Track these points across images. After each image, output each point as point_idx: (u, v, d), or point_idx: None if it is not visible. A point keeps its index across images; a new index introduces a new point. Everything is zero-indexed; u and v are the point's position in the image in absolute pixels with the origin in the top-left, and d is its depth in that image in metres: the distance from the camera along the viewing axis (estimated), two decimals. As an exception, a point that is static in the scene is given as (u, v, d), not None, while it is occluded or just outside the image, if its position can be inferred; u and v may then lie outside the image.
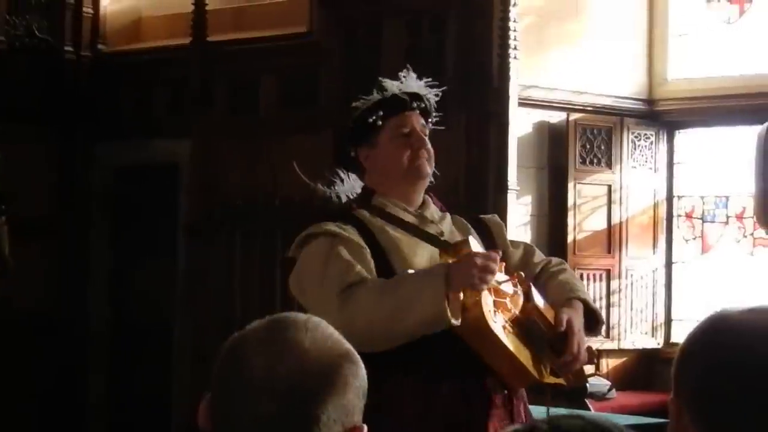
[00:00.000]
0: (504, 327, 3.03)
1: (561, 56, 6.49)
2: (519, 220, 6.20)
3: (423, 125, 3.25)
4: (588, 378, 3.34)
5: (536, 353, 3.12)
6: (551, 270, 3.34)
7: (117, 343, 7.68)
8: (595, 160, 6.56)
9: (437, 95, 3.31)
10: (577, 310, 3.20)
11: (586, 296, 3.29)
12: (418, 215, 3.25)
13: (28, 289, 7.05)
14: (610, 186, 6.58)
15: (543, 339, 3.14)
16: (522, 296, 3.12)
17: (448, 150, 6.10)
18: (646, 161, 6.69)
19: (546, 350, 3.15)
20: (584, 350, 3.16)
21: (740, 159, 6.44)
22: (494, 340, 2.99)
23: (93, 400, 7.64)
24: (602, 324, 3.41)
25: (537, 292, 3.17)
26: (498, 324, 3.00)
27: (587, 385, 5.69)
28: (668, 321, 6.74)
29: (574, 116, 6.51)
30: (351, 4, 6.65)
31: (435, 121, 3.32)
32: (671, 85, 6.78)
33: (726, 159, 6.68)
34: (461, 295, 2.98)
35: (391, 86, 3.25)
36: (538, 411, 3.30)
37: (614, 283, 6.54)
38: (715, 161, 6.73)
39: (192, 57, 7.00)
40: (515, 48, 5.98)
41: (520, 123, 6.17)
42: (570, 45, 6.52)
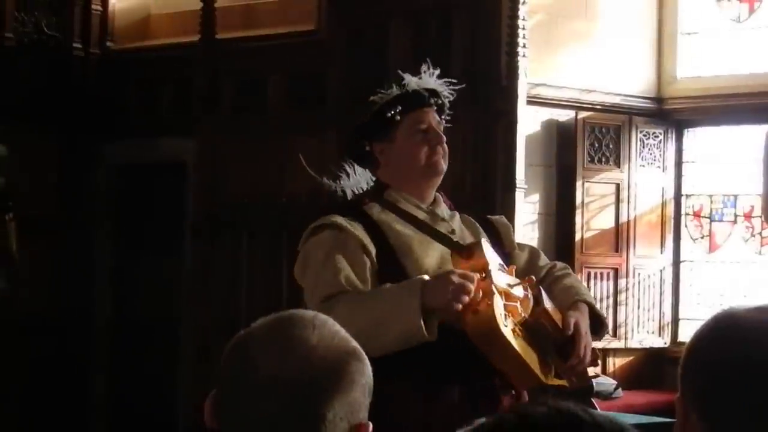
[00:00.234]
0: (513, 330, 3.03)
1: (570, 54, 6.47)
2: (527, 219, 6.19)
3: (438, 122, 3.25)
4: (591, 379, 3.32)
5: (542, 355, 3.12)
6: (556, 274, 3.35)
7: (121, 342, 7.67)
8: (604, 159, 6.54)
9: (452, 93, 3.30)
10: (584, 313, 3.21)
11: (591, 300, 3.30)
12: (430, 212, 3.24)
13: (33, 287, 7.04)
14: (618, 184, 6.56)
15: (549, 341, 3.15)
16: (532, 300, 3.12)
17: (456, 148, 6.09)
18: (655, 160, 6.67)
19: (552, 352, 3.16)
20: (590, 352, 3.17)
21: (749, 158, 6.43)
22: (504, 343, 2.98)
23: (96, 399, 7.63)
24: (607, 328, 3.43)
25: (546, 296, 3.18)
26: (508, 328, 3.00)
27: (594, 384, 5.67)
28: (675, 320, 6.73)
29: (583, 114, 6.49)
30: (359, 3, 6.64)
31: (445, 119, 3.32)
32: (680, 84, 6.76)
33: (734, 158, 6.66)
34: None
35: (410, 81, 3.24)
36: None
37: (621, 282, 6.53)
38: (724, 160, 6.71)
39: (200, 55, 6.99)
40: (524, 46, 5.97)
41: (529, 121, 6.16)
42: (579, 43, 6.51)
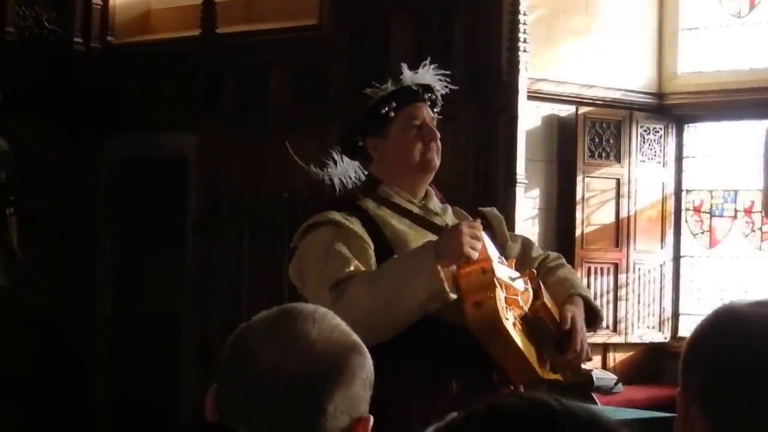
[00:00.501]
0: (514, 324, 3.03)
1: (570, 50, 6.47)
2: (527, 214, 6.19)
3: (432, 117, 3.25)
4: (585, 373, 3.32)
5: (539, 349, 3.13)
6: (549, 265, 3.34)
7: (122, 338, 7.66)
8: (604, 154, 6.54)
9: (446, 86, 3.30)
10: (580, 307, 3.21)
11: (587, 293, 3.30)
12: (423, 206, 3.24)
13: (33, 283, 7.02)
14: (619, 180, 6.56)
15: (547, 336, 3.15)
16: (532, 293, 3.13)
17: (457, 143, 6.11)
18: (655, 155, 6.67)
19: (549, 346, 3.16)
20: (586, 346, 3.17)
21: (749, 153, 6.43)
22: (505, 337, 2.98)
23: (97, 395, 7.62)
24: (601, 320, 3.42)
25: (544, 289, 3.18)
26: (509, 321, 3.00)
27: (594, 378, 5.68)
28: (676, 315, 6.73)
29: (583, 110, 6.49)
30: (361, -3, 6.64)
31: (444, 115, 3.32)
32: (681, 79, 6.76)
33: (735, 153, 6.66)
34: (457, 269, 2.96)
35: (406, 76, 3.24)
36: None
37: (622, 277, 6.53)
38: (724, 155, 6.71)
39: (201, 49, 6.99)
40: (525, 41, 5.96)
41: (529, 116, 6.16)
42: (580, 38, 6.51)
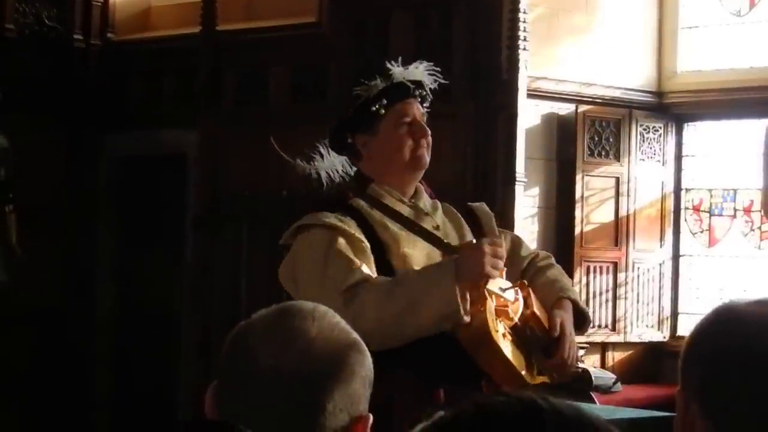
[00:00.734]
0: (504, 335, 3.02)
1: (570, 48, 6.47)
2: (526, 212, 6.19)
3: (422, 113, 3.22)
4: (573, 372, 3.28)
5: (528, 356, 3.12)
6: (539, 264, 3.32)
7: (122, 335, 7.66)
8: (604, 153, 6.54)
9: (436, 81, 3.27)
10: (568, 311, 3.20)
11: (575, 296, 3.28)
12: (413, 205, 3.21)
13: (33, 280, 7.00)
14: (618, 178, 6.56)
15: (536, 342, 3.14)
16: (522, 302, 3.10)
17: (456, 141, 6.11)
18: (655, 154, 6.67)
19: (537, 351, 3.15)
20: (575, 352, 3.16)
21: (749, 152, 6.43)
22: (495, 349, 2.98)
23: (98, 393, 7.62)
24: (590, 323, 3.40)
25: (534, 296, 3.16)
26: (499, 333, 2.99)
27: (592, 377, 5.68)
28: (675, 314, 6.73)
29: (583, 108, 6.49)
30: (360, -5, 6.64)
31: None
32: (680, 78, 6.76)
33: (734, 152, 6.66)
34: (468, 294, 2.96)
35: (397, 73, 3.22)
36: None
37: (621, 276, 6.53)
38: (724, 154, 6.71)
39: (201, 47, 6.98)
40: (525, 39, 5.96)
41: (529, 114, 6.16)
42: (579, 37, 6.51)
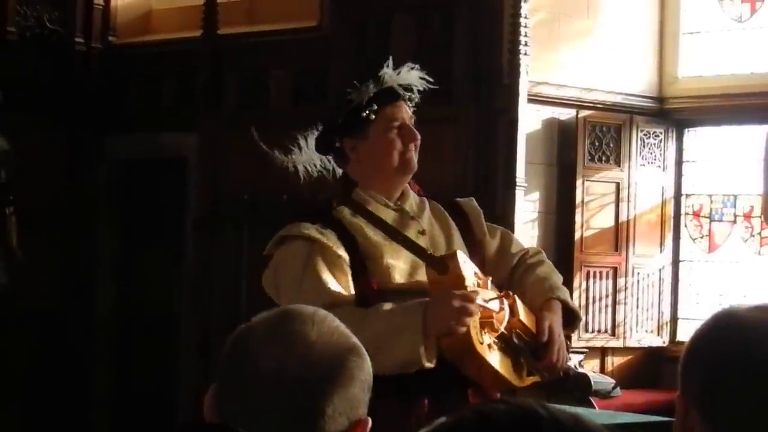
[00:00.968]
0: (490, 345, 3.00)
1: (571, 53, 6.47)
2: (527, 217, 6.19)
3: (411, 116, 3.20)
4: (563, 371, 3.25)
5: (516, 361, 3.11)
6: (529, 262, 3.28)
7: (122, 336, 7.67)
8: (604, 158, 6.54)
9: (426, 84, 3.25)
10: (556, 313, 3.17)
11: (565, 296, 3.24)
12: (399, 209, 3.19)
13: (33, 282, 7.00)
14: (619, 183, 6.56)
15: (523, 347, 3.12)
16: (508, 312, 3.07)
17: (458, 143, 6.11)
18: (655, 159, 6.67)
19: (525, 354, 3.14)
20: (564, 354, 3.14)
21: (749, 158, 6.43)
22: (480, 362, 2.96)
23: (98, 393, 7.61)
24: (580, 320, 3.38)
25: (521, 303, 3.12)
26: (484, 344, 2.97)
27: (592, 382, 5.68)
28: (674, 319, 6.73)
29: (584, 113, 6.49)
30: (361, -1, 6.64)
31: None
32: (681, 83, 6.76)
33: (735, 158, 6.66)
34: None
35: (388, 77, 3.20)
36: None
37: (621, 281, 6.53)
38: (724, 160, 6.71)
39: (202, 50, 6.99)
40: (526, 44, 5.96)
41: (530, 119, 6.16)
42: (580, 42, 6.51)
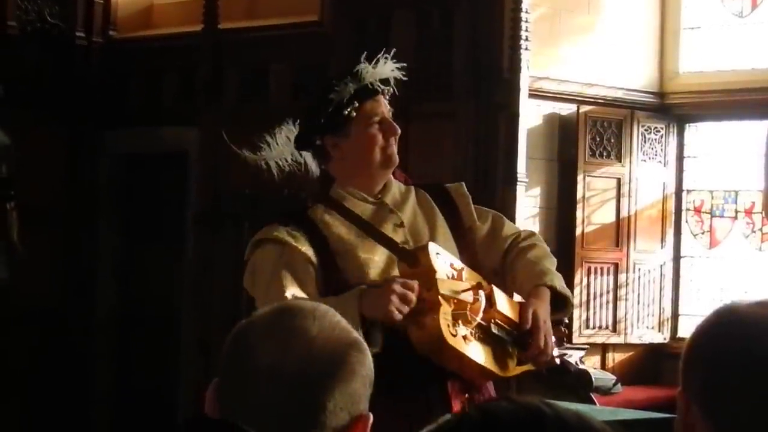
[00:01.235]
0: (465, 337, 2.97)
1: (572, 48, 6.47)
2: (527, 213, 6.19)
3: (389, 110, 3.20)
4: (557, 358, 3.22)
5: (500, 350, 3.09)
6: (520, 245, 3.25)
7: (123, 333, 7.66)
8: (605, 153, 6.54)
9: (404, 75, 3.24)
10: (543, 299, 3.12)
11: (554, 281, 3.18)
12: (378, 202, 3.18)
13: (34, 277, 7.00)
14: (620, 179, 6.56)
15: (505, 336, 3.10)
16: (484, 301, 3.04)
17: (457, 138, 6.11)
18: (656, 155, 6.67)
19: (511, 343, 3.11)
20: (551, 341, 3.09)
21: (750, 154, 6.43)
22: (456, 354, 2.94)
23: (98, 391, 7.62)
24: (572, 305, 3.34)
25: (499, 292, 3.10)
26: (458, 336, 2.94)
27: (593, 379, 5.68)
28: (675, 315, 6.73)
29: (585, 108, 6.49)
30: (362, -6, 6.64)
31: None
32: (682, 79, 6.76)
33: (736, 153, 6.66)
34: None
35: (366, 72, 3.17)
36: None
37: (622, 277, 6.53)
38: (725, 156, 6.71)
39: (203, 44, 6.98)
40: (527, 39, 5.96)
41: (530, 115, 6.16)
42: (581, 37, 6.51)
